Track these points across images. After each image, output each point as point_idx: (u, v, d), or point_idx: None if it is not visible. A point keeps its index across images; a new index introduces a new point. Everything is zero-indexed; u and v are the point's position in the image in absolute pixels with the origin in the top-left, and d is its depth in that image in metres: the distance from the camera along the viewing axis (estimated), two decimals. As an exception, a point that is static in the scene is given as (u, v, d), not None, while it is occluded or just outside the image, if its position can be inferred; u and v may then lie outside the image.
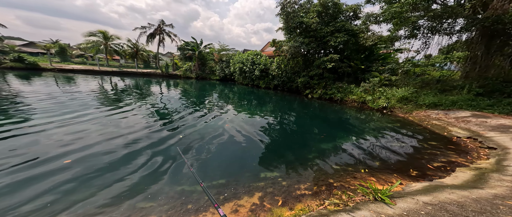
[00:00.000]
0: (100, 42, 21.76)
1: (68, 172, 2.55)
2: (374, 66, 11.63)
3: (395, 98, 8.28)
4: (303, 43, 11.46)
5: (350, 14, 12.35)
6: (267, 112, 7.41)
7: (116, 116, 5.09)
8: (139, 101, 7.42)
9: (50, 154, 2.92)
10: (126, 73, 21.16)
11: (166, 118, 5.39)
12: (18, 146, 3.12)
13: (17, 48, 25.85)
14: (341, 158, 3.49)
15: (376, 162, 3.36)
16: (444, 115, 6.29)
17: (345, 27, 11.06)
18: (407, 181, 2.72)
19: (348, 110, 8.72)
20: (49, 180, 2.37)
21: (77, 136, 3.63)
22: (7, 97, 6.30)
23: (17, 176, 2.40)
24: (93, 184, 2.35)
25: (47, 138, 3.48)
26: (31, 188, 2.21)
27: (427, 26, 8.87)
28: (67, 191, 2.21)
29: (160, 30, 22.52)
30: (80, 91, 8.48)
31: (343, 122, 6.75)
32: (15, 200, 2.02)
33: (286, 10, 11.69)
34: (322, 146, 4.02)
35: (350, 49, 11.83)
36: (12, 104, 5.56)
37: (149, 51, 28.52)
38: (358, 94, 9.75)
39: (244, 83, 17.57)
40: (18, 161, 2.71)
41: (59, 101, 6.32)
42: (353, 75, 11.95)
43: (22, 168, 2.56)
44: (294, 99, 11.50)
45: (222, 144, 3.79)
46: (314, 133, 5.15)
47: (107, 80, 14.53)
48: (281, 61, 14.14)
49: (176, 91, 11.60)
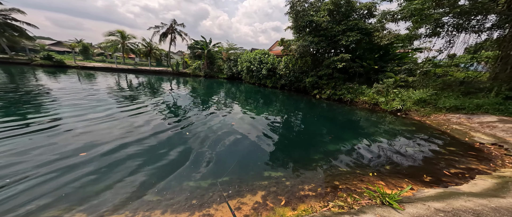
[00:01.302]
0: (118, 41, 23.18)
1: (84, 164, 2.74)
2: (389, 67, 11.02)
3: (411, 101, 7.80)
4: (312, 43, 11.20)
5: (364, 12, 11.78)
6: (274, 111, 7.41)
7: (129, 113, 5.39)
8: (150, 98, 7.80)
9: (69, 147, 3.12)
10: (140, 71, 22.32)
11: (174, 115, 5.60)
12: (40, 140, 3.46)
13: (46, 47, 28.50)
14: (349, 160, 3.39)
15: (386, 166, 3.23)
16: (466, 119, 5.80)
17: (358, 25, 10.59)
18: (419, 187, 2.58)
19: (358, 111, 8.39)
20: (67, 171, 2.55)
21: (93, 130, 3.88)
22: (35, 92, 6.95)
23: (37, 164, 2.69)
24: (104, 177, 2.49)
25: (66, 131, 3.73)
26: (47, 181, 2.43)
27: (453, 23, 8.16)
28: (82, 182, 2.36)
29: (172, 29, 23.37)
30: (99, 88, 9.12)
31: (352, 124, 6.52)
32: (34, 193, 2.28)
33: (296, 8, 11.48)
34: (328, 147, 3.93)
35: (363, 49, 11.32)
36: (38, 98, 6.13)
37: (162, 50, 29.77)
38: (370, 96, 9.33)
39: (251, 82, 17.63)
40: (39, 152, 3.00)
41: (79, 97, 6.83)
42: (365, 76, 11.44)
43: (39, 162, 2.84)
44: (301, 99, 11.32)
45: (228, 142, 3.86)
46: (321, 134, 5.05)
47: (123, 77, 15.44)
48: (289, 60, 13.95)
49: (185, 89, 11.99)
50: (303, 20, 11.27)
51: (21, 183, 2.24)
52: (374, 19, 11.60)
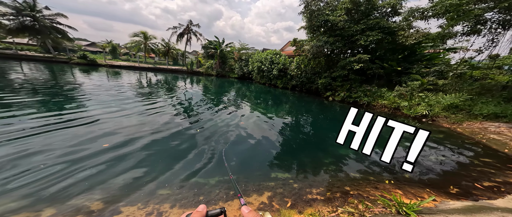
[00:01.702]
0: (141, 42, 25.19)
1: (105, 154, 2.95)
2: (415, 68, 10.04)
3: (440, 106, 7.01)
4: (327, 43, 10.77)
5: (387, 10, 10.95)
6: (283, 112, 7.31)
7: (147, 108, 5.78)
8: (166, 95, 8.28)
9: (94, 138, 3.31)
10: (159, 69, 23.95)
11: (186, 112, 5.84)
12: (70, 133, 3.81)
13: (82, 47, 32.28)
14: (362, 166, 3.19)
15: (406, 174, 2.97)
16: (507, 129, 5.01)
17: (379, 24, 9.89)
18: (443, 198, 2.32)
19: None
20: (90, 160, 2.75)
21: (115, 123, 4.19)
22: (71, 87, 7.81)
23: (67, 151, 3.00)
24: (120, 167, 2.65)
25: (93, 124, 4.09)
26: (71, 165, 2.71)
27: (498, 19, 7.11)
28: (102, 170, 2.54)
29: (188, 30, 24.58)
30: (123, 85, 9.99)
31: None
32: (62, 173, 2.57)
33: (310, 8, 11.16)
34: (340, 152, 3.75)
35: (384, 49, 10.52)
36: (72, 93, 6.88)
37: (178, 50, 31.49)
38: (390, 99, 8.63)
39: (261, 82, 17.64)
40: (73, 143, 3.32)
41: (106, 93, 7.53)
42: (386, 78, 10.61)
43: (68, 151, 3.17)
44: (313, 101, 10.96)
45: (236, 140, 3.90)
46: (332, 137, 4.84)
47: (144, 75, 16.76)
48: (301, 61, 13.63)
49: (198, 88, 12.51)
50: (317, 19, 10.91)
51: (47, 168, 2.51)
52: (399, 17, 10.71)
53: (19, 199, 1.83)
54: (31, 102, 4.94)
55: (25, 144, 2.87)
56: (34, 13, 18.06)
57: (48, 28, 19.23)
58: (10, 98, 5.08)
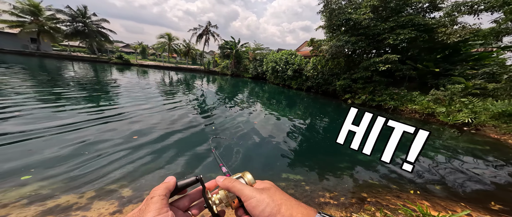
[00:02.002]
0: (165, 43, 27.63)
1: (134, 146, 3.06)
2: (458, 70, 8.69)
3: (488, 113, 5.93)
4: (348, 42, 10.12)
5: (423, 6, 9.73)
6: (297, 113, 7.14)
7: (169, 105, 6.20)
8: (186, 93, 8.86)
9: (125, 131, 3.52)
10: (180, 68, 25.86)
11: (203, 110, 6.11)
12: (105, 128, 4.09)
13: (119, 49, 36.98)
14: (383, 174, 2.95)
15: (436, 185, 2.63)
16: None
17: (413, 21, 8.87)
18: (481, 214, 2.00)
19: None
20: (122, 151, 2.81)
21: (142, 118, 4.53)
22: (109, 83, 9.02)
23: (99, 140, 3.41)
24: (145, 159, 2.67)
25: (124, 117, 4.50)
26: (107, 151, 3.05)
27: None
28: (131, 160, 2.60)
29: (206, 31, 25.92)
30: (150, 82, 11.03)
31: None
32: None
33: (330, 7, 10.64)
34: (359, 157, 3.51)
35: (419, 48, 9.38)
36: (110, 89, 7.87)
37: (197, 50, 33.49)
38: (423, 104, 7.65)
39: (275, 83, 17.50)
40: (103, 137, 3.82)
41: (136, 89, 8.41)
42: (419, 80, 9.46)
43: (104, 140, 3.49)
44: (329, 103, 10.41)
45: (249, 139, 3.94)
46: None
47: (167, 74, 18.28)
48: (318, 61, 13.08)
49: (214, 87, 13.05)
50: (338, 18, 10.34)
51: (87, 157, 2.78)
52: (439, 12, 9.41)
53: (66, 182, 2.10)
54: (79, 96, 5.84)
55: (71, 134, 3.25)
56: (85, 19, 21.45)
57: (95, 32, 22.59)
58: (64, 92, 6.15)
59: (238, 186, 0.32)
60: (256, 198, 0.30)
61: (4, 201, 1.70)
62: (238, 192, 0.32)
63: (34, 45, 21.26)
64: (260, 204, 0.29)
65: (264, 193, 0.31)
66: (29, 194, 1.82)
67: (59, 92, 5.83)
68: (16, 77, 7.41)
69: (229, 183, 0.33)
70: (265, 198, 0.30)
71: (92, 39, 22.66)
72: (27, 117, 3.56)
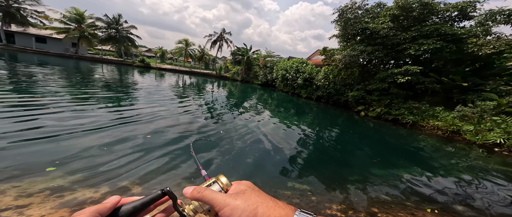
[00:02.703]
0: (182, 48, 29.57)
1: (148, 144, 3.28)
2: (489, 85, 7.79)
3: (527, 137, 5.12)
4: (363, 52, 9.79)
5: (451, 14, 9.08)
6: (306, 122, 6.95)
7: (181, 107, 6.53)
8: (198, 97, 9.24)
9: (141, 130, 3.70)
10: (193, 72, 27.32)
11: (213, 114, 6.26)
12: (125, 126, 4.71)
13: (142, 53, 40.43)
14: (398, 189, 2.73)
15: (458, 206, 2.34)
16: None
17: (439, 31, 8.33)
18: None
19: (423, 137, 6.43)
20: (137, 148, 3.02)
21: (156, 118, 4.72)
22: (130, 84, 9.94)
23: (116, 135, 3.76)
24: (157, 159, 2.76)
25: (141, 119, 4.80)
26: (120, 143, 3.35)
27: None
28: (146, 160, 2.73)
29: (221, 37, 27.18)
30: (165, 85, 11.86)
31: (412, 151, 5.08)
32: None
33: (346, 16, 10.48)
34: (371, 171, 3.29)
35: (444, 60, 8.64)
36: (130, 89, 8.69)
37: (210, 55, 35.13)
38: (448, 121, 6.93)
39: (284, 91, 17.39)
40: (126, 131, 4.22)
41: (152, 90, 9.16)
42: (443, 95, 8.62)
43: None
44: (340, 114, 9.97)
45: (256, 146, 3.91)
46: (362, 155, 4.29)
47: (181, 77, 19.44)
48: (330, 71, 12.78)
49: (224, 91, 13.42)
50: (353, 27, 10.13)
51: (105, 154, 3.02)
52: (470, 21, 8.68)
53: (85, 176, 2.25)
54: (105, 97, 6.38)
55: (94, 133, 3.49)
56: (117, 26, 24.12)
57: (124, 37, 25.18)
58: (93, 92, 6.86)
59: (208, 196, 0.29)
60: (229, 206, 0.27)
61: (29, 190, 1.86)
62: (210, 202, 0.29)
63: (73, 49, 24.36)
64: (235, 212, 0.27)
65: (238, 198, 0.28)
66: (51, 186, 1.94)
67: (88, 92, 6.46)
68: (57, 77, 8.50)
69: (198, 194, 0.30)
70: (239, 204, 0.27)
71: (121, 44, 25.24)
72: (60, 114, 4.00)
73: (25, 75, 7.60)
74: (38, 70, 9.23)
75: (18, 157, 2.33)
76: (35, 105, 4.19)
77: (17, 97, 4.69)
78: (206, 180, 0.35)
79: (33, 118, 3.53)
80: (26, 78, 6.94)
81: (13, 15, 19.53)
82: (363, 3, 10.45)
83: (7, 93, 4.84)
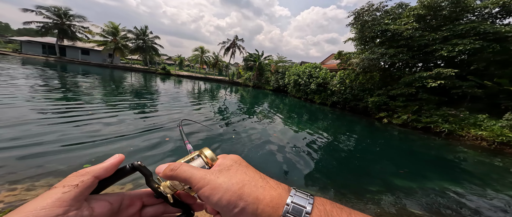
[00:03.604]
0: (198, 55, 31.56)
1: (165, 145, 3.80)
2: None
3: None
4: (384, 55, 9.14)
5: (491, 11, 8.06)
6: (320, 129, 6.56)
7: (196, 111, 6.82)
8: (211, 102, 9.46)
9: (158, 138, 3.68)
10: (208, 79, 28.75)
11: (225, 119, 6.29)
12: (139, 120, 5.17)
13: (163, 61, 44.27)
14: (431, 203, 2.35)
15: None
16: None
17: (478, 29, 7.40)
18: None
19: (463, 148, 5.54)
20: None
21: (175, 124, 4.77)
22: (153, 90, 10.84)
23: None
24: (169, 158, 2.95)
25: (162, 124, 5.32)
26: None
27: None
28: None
29: (233, 44, 28.32)
30: (183, 90, 12.69)
31: (448, 163, 4.39)
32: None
33: (363, 19, 10.06)
34: (396, 182, 2.90)
35: (487, 61, 7.56)
36: (152, 94, 9.43)
37: (224, 62, 36.67)
38: (494, 131, 5.89)
39: (296, 96, 16.98)
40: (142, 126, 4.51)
41: (170, 94, 9.94)
42: (486, 100, 7.43)
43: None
44: (359, 121, 9.24)
45: (266, 151, 3.78)
46: (385, 165, 3.82)
47: (197, 83, 20.58)
48: (347, 75, 12.14)
49: (236, 97, 13.63)
50: (371, 30, 9.62)
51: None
52: None
53: None
54: (132, 102, 6.80)
55: (122, 140, 3.94)
56: (144, 37, 27.11)
57: (150, 47, 28.07)
58: (124, 100, 7.50)
59: (184, 174, 0.24)
60: (210, 186, 0.23)
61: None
62: (186, 180, 0.24)
63: (110, 59, 27.95)
64: (216, 192, 0.22)
65: (221, 176, 0.24)
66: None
67: (120, 100, 6.75)
68: (96, 84, 9.62)
69: (170, 172, 0.25)
70: (222, 182, 0.23)
71: (147, 53, 28.13)
72: (102, 121, 4.08)
73: (73, 84, 8.29)
74: (86, 79, 10.41)
75: (62, 154, 2.56)
76: (81, 111, 4.47)
77: (67, 104, 4.93)
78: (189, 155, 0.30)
79: (82, 123, 3.77)
80: (74, 87, 7.47)
81: (65, 31, 23.51)
82: (381, 5, 9.95)
83: (59, 101, 5.18)
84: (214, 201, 0.22)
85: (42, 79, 7.95)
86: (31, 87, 6.15)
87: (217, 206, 0.22)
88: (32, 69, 10.81)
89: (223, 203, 0.22)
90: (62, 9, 23.43)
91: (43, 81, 7.66)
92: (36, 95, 5.30)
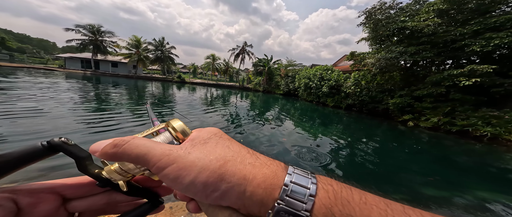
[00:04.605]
0: (210, 63, 33.17)
1: None
2: None
3: None
4: (403, 53, 8.49)
5: None
6: (335, 133, 6.18)
7: (208, 116, 7.12)
8: (221, 107, 9.66)
9: None
10: (219, 85, 29.81)
11: (235, 123, 6.37)
12: None
13: (179, 70, 47.43)
14: (470, 213, 1.94)
15: None
16: None
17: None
18: None
19: (510, 154, 4.67)
20: None
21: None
22: (169, 97, 11.63)
23: None
24: None
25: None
26: None
27: None
28: None
29: (243, 50, 29.20)
30: (196, 97, 13.17)
31: (493, 171, 3.74)
32: None
33: (375, 18, 9.62)
34: (424, 190, 2.56)
35: None
36: (168, 101, 10.08)
37: (234, 68, 37.81)
38: None
39: (308, 100, 16.48)
40: None
41: (184, 101, 10.54)
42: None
43: None
44: (379, 124, 8.50)
45: (275, 156, 3.68)
46: (412, 171, 3.42)
47: (209, 89, 21.43)
48: (362, 77, 11.48)
49: (246, 102, 13.76)
50: (386, 28, 9.11)
51: None
52: None
53: None
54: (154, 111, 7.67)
55: None
56: (162, 47, 29.63)
57: (167, 57, 30.51)
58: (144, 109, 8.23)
59: (136, 150, 0.17)
60: (176, 165, 0.16)
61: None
62: (140, 159, 0.17)
63: (134, 70, 31.02)
64: (187, 173, 0.16)
65: (195, 151, 0.17)
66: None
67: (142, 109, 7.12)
68: (122, 94, 10.60)
69: (113, 149, 0.17)
70: (194, 159, 0.17)
71: (165, 63, 30.56)
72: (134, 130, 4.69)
73: (106, 95, 9.67)
74: (119, 91, 11.39)
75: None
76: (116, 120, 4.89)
77: (101, 113, 5.38)
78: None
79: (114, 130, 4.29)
80: (106, 98, 8.70)
81: (98, 46, 26.99)
82: (395, 2, 9.45)
83: (97, 113, 5.89)
84: (185, 184, 0.16)
85: (83, 92, 9.01)
86: (74, 99, 6.89)
87: (189, 191, 0.16)
88: (75, 83, 12.20)
89: (198, 186, 0.16)
90: (95, 26, 27.14)
91: (83, 93, 8.65)
92: (85, 105, 6.05)
